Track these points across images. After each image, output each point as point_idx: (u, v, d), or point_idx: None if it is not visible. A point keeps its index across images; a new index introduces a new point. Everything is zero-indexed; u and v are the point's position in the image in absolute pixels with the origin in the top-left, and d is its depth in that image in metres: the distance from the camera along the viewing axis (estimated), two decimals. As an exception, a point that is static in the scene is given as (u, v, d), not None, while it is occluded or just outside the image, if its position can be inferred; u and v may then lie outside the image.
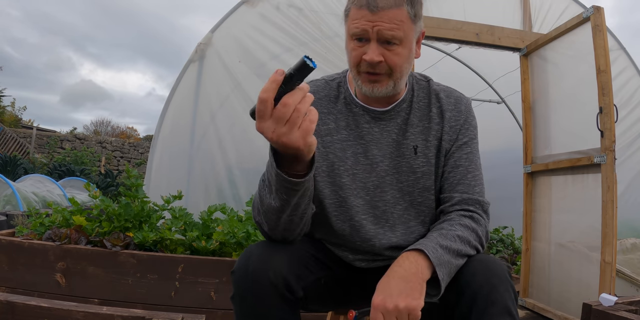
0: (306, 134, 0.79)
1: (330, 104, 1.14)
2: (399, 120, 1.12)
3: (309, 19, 3.20)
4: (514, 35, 2.90)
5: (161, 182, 3.02)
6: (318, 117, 0.82)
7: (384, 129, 1.12)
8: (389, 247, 1.11)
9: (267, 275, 0.91)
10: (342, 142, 1.11)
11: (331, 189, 1.10)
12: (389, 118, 1.12)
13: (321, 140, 1.11)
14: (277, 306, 0.92)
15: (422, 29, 1.08)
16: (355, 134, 1.12)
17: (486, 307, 0.87)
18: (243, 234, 2.20)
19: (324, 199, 1.11)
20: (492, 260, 0.96)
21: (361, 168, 1.11)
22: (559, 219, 2.60)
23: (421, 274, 0.88)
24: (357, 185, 1.11)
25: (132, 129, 33.44)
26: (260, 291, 0.91)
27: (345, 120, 1.12)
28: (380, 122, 1.12)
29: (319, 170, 1.11)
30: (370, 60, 0.99)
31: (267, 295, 0.91)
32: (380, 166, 1.11)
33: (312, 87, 1.16)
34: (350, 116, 1.12)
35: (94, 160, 13.77)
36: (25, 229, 2.38)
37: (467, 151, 1.11)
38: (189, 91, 3.14)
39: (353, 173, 1.10)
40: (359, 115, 1.12)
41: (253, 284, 0.91)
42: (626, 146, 3.63)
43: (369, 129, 1.12)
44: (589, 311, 1.60)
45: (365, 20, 0.97)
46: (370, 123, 1.12)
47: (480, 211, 1.06)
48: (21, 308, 1.12)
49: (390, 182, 1.11)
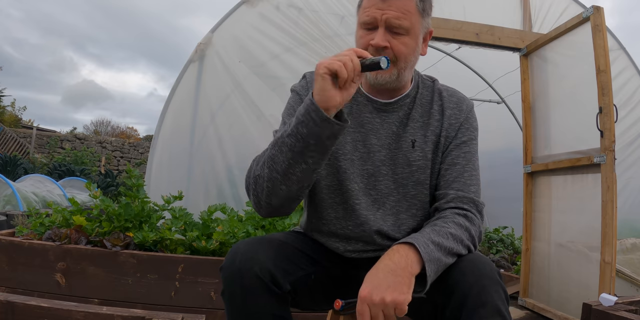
0: (340, 67, 0.90)
1: None
2: (401, 114, 1.14)
3: (309, 18, 3.20)
4: (514, 35, 2.90)
5: (161, 182, 3.02)
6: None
7: (385, 121, 1.14)
8: (378, 233, 1.12)
9: (253, 270, 0.93)
10: None
11: (329, 171, 1.12)
12: (392, 110, 1.14)
13: None
14: (265, 300, 0.94)
15: (429, 27, 1.12)
16: (356, 122, 1.14)
17: (476, 307, 0.86)
18: (243, 234, 2.20)
19: (322, 180, 1.13)
20: (482, 260, 0.95)
21: (358, 155, 1.13)
22: (559, 218, 2.60)
23: (410, 268, 0.88)
24: (354, 170, 1.12)
25: (132, 129, 33.46)
26: (247, 286, 0.93)
27: (349, 107, 1.15)
28: (382, 113, 1.14)
29: None
30: (376, 44, 1.02)
31: (255, 290, 0.93)
32: (376, 155, 1.12)
33: None
34: (354, 104, 1.15)
35: (94, 160, 13.77)
36: (25, 229, 2.38)
37: (465, 150, 1.12)
38: (189, 91, 3.14)
39: (351, 158, 1.13)
40: (362, 105, 1.15)
41: (240, 279, 0.93)
42: (626, 146, 3.63)
43: (371, 119, 1.14)
44: (589, 311, 1.60)
45: (375, 8, 1.03)
46: (373, 113, 1.14)
47: (474, 211, 1.06)
48: (21, 308, 1.12)
49: (386, 173, 1.12)
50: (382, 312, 0.85)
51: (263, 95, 3.13)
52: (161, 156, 3.08)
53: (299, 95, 1.18)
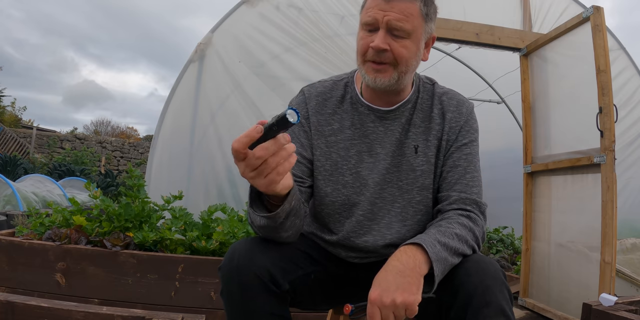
0: (270, 183, 0.80)
1: (336, 104, 1.16)
2: (403, 120, 1.14)
3: (309, 18, 3.20)
4: (514, 35, 2.90)
5: (161, 182, 3.02)
6: (295, 160, 0.83)
7: (388, 128, 1.14)
8: (383, 246, 1.12)
9: (251, 269, 0.93)
10: (346, 141, 1.13)
11: (334, 188, 1.12)
12: (394, 117, 1.14)
13: (325, 140, 1.14)
14: (263, 299, 0.94)
15: (432, 32, 1.10)
16: (360, 133, 1.14)
17: (481, 307, 0.87)
18: (243, 234, 2.20)
19: (327, 196, 1.12)
20: (486, 260, 0.96)
21: (365, 166, 1.12)
22: (559, 218, 2.60)
23: (419, 269, 0.88)
24: (360, 183, 1.12)
25: (132, 129, 33.45)
26: (245, 284, 0.93)
27: (351, 119, 1.14)
28: (384, 121, 1.14)
29: (320, 170, 1.13)
30: (376, 46, 1.01)
31: (253, 289, 0.93)
32: (382, 164, 1.12)
33: (319, 87, 1.19)
34: (356, 115, 1.14)
35: (94, 160, 13.77)
36: (25, 229, 2.38)
37: (466, 152, 1.12)
38: (189, 91, 3.14)
39: (356, 171, 1.12)
40: (364, 115, 1.14)
41: (239, 278, 0.93)
42: (626, 146, 3.63)
43: (374, 128, 1.13)
44: (589, 311, 1.60)
45: (377, 9, 1.01)
46: (375, 122, 1.14)
47: (477, 211, 1.06)
48: (21, 308, 1.12)
49: (390, 180, 1.12)
50: (393, 313, 0.85)
51: (263, 96, 3.13)
52: (161, 156, 3.08)
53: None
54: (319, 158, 1.13)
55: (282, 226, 0.95)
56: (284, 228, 0.96)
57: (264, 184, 0.81)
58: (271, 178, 0.80)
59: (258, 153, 0.77)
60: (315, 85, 1.20)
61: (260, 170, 0.79)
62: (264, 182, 0.80)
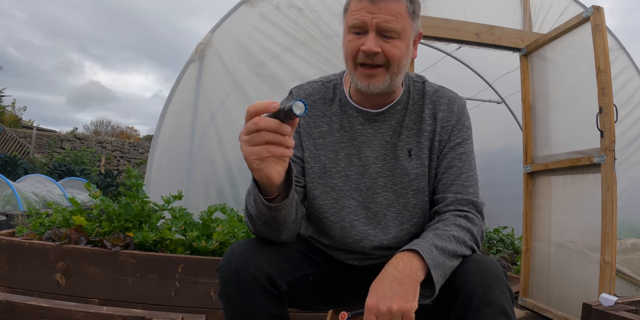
0: (257, 156, 0.79)
1: (324, 106, 1.14)
2: (393, 122, 1.12)
3: (308, 18, 3.20)
4: (514, 35, 2.89)
5: (161, 182, 3.02)
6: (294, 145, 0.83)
7: (377, 131, 1.12)
8: (379, 248, 1.11)
9: (249, 270, 0.93)
10: (334, 144, 1.12)
11: (322, 191, 1.11)
12: (383, 120, 1.12)
13: (314, 142, 1.12)
14: (261, 300, 0.94)
15: (419, 29, 1.08)
16: (348, 136, 1.12)
17: (482, 307, 0.86)
18: (243, 234, 2.20)
19: (315, 199, 1.11)
20: (487, 260, 0.95)
21: (354, 169, 1.11)
22: (559, 218, 2.60)
23: (415, 276, 0.87)
24: (350, 186, 1.11)
25: (132, 129, 33.44)
26: (243, 286, 0.93)
27: (340, 122, 1.13)
28: (373, 123, 1.12)
29: (309, 172, 1.11)
30: (369, 50, 0.99)
31: (251, 290, 0.93)
32: (372, 168, 1.11)
33: (308, 88, 1.17)
34: (345, 118, 1.13)
35: (94, 160, 13.77)
36: (25, 229, 2.38)
37: (460, 152, 1.11)
38: (189, 91, 3.14)
39: (346, 174, 1.11)
40: (353, 117, 1.12)
41: (237, 280, 0.93)
42: (626, 146, 3.63)
43: (362, 131, 1.12)
44: (589, 311, 1.60)
45: (365, 11, 0.98)
46: (364, 124, 1.12)
47: (474, 211, 1.05)
48: (21, 308, 1.12)
49: (384, 184, 1.11)
50: None
51: (263, 96, 3.13)
52: (161, 156, 3.08)
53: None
54: (308, 160, 1.12)
55: (279, 212, 0.94)
56: (280, 217, 0.95)
57: (252, 152, 0.79)
58: (257, 151, 0.78)
59: (260, 121, 0.77)
60: (304, 87, 1.18)
61: (252, 138, 0.78)
62: (253, 150, 0.79)
